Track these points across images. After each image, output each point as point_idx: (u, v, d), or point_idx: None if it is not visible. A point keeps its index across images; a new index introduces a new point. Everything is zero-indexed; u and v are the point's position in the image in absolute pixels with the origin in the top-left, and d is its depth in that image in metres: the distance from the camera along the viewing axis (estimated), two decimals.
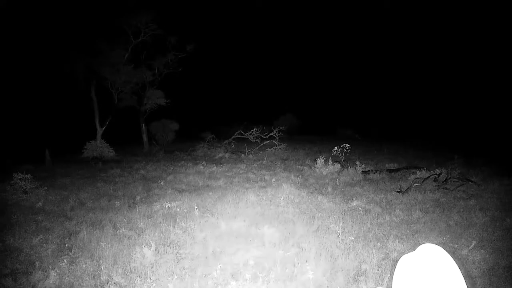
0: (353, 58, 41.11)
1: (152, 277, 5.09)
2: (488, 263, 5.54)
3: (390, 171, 12.25)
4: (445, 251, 1.25)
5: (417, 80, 36.43)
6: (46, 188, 10.37)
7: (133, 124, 23.27)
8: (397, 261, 1.29)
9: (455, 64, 32.71)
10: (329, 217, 7.71)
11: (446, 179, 10.39)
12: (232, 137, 19.83)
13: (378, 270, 5.27)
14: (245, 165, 14.30)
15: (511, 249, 5.96)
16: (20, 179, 10.02)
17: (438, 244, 1.40)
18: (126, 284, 4.94)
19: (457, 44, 32.33)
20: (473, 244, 6.10)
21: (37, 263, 5.51)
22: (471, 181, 10.32)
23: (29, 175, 10.17)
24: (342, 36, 42.42)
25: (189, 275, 5.16)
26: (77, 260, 5.58)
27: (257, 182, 11.27)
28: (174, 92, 22.63)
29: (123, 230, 7.00)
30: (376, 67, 38.91)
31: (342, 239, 6.44)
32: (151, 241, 6.20)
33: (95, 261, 5.53)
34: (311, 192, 9.75)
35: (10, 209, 8.51)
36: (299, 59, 43.44)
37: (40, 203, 8.98)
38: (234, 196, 9.38)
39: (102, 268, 5.26)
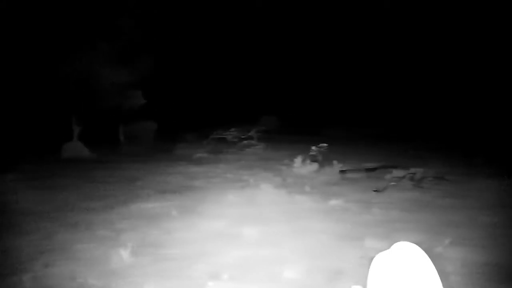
0: (339, 59, 41.01)
1: (129, 279, 5.05)
2: (464, 260, 5.64)
3: (368, 170, 12.34)
4: (420, 248, 1.27)
5: (399, 81, 36.52)
6: (26, 188, 10.16)
7: (113, 124, 22.93)
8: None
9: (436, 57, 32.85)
10: (308, 216, 7.74)
11: (423, 178, 10.52)
12: (212, 137, 19.70)
13: (356, 269, 5.32)
14: (224, 165, 14.25)
15: (484, 246, 6.07)
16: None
17: (415, 242, 1.45)
18: (102, 286, 4.88)
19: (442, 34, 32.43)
20: (448, 242, 6.20)
21: (12, 267, 5.40)
22: (449, 180, 10.48)
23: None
24: (324, 38, 42.35)
25: (167, 276, 5.13)
26: (54, 263, 5.50)
27: (236, 182, 11.25)
28: (156, 92, 22.31)
29: (101, 231, 6.92)
30: (362, 66, 38.82)
31: (321, 238, 6.48)
32: (129, 243, 6.13)
33: (72, 263, 5.46)
34: (290, 192, 9.77)
35: None
36: (281, 59, 43.14)
37: (21, 204, 8.79)
38: (213, 196, 9.35)
39: (78, 270, 5.19)
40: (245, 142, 18.55)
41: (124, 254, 5.72)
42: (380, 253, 1.30)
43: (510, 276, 5.13)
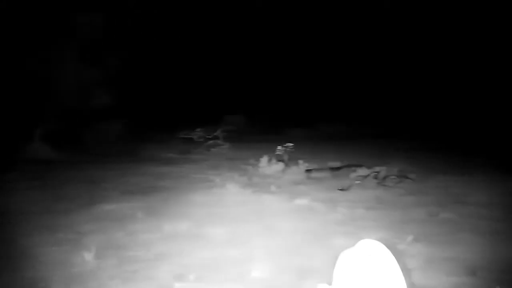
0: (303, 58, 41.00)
1: (93, 282, 4.95)
2: (424, 255, 5.80)
3: (333, 169, 12.48)
4: (383, 245, 1.30)
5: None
6: None
7: (77, 124, 22.36)
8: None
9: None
10: (274, 216, 7.77)
11: (386, 176, 10.73)
12: (179, 137, 19.50)
13: (323, 267, 5.38)
14: (191, 165, 14.15)
15: (445, 242, 6.26)
16: None
17: (379, 239, 1.48)
18: None
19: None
20: (410, 239, 6.36)
21: None
22: (410, 178, 10.72)
23: None
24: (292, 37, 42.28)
25: (131, 278, 5.07)
26: (15, 269, 5.34)
27: (202, 182, 11.19)
28: (121, 91, 21.84)
29: (64, 234, 6.76)
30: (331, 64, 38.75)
31: (287, 238, 6.52)
32: (92, 245, 6.01)
33: (33, 268, 5.31)
34: (256, 191, 9.79)
35: None
36: (247, 56, 42.79)
37: None
38: (179, 196, 9.27)
39: (40, 275, 5.06)
40: (211, 142, 18.47)
41: (88, 257, 5.61)
42: (345, 251, 1.33)
43: (469, 269, 5.30)
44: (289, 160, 13.11)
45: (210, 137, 18.89)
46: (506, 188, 9.66)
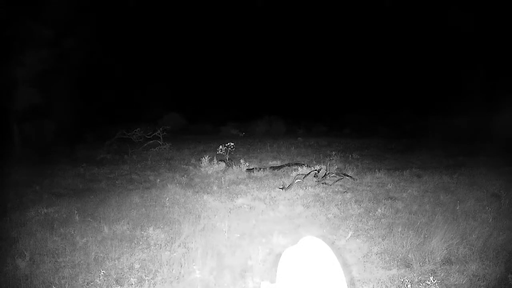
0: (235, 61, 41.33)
1: None
2: (363, 250, 5.97)
3: (274, 168, 12.63)
4: (324, 242, 1.31)
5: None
6: None
7: (6, 125, 21.30)
8: (281, 255, 1.34)
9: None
10: (215, 215, 7.76)
11: (325, 175, 10.96)
12: (115, 137, 19.08)
13: (263, 265, 5.42)
14: (128, 166, 13.86)
15: (382, 236, 6.47)
16: None
17: (319, 236, 1.50)
18: None
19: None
20: (349, 235, 6.53)
21: None
22: (348, 176, 11.01)
23: None
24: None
25: (69, 284, 4.88)
26: None
27: (141, 183, 10.99)
28: (53, 90, 21.02)
29: None
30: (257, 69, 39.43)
31: (228, 237, 6.52)
32: (25, 251, 5.74)
33: None
34: (197, 192, 9.73)
35: None
36: (180, 56, 42.54)
37: None
38: (117, 198, 9.04)
39: None
40: (150, 142, 18.16)
41: (22, 263, 5.35)
42: (288, 248, 1.33)
43: (402, 261, 5.51)
44: (231, 160, 13.13)
45: (149, 137, 18.59)
46: (434, 182, 10.15)
